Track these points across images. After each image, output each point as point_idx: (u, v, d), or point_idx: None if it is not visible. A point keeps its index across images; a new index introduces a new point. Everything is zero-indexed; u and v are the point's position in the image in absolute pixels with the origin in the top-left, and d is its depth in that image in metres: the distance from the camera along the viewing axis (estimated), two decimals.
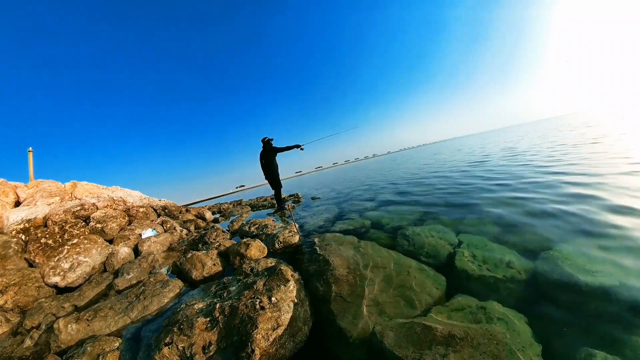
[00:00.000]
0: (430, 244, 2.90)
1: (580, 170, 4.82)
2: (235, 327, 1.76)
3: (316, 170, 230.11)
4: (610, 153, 5.92)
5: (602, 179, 4.03)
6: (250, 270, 2.75)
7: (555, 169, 5.33)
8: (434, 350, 1.37)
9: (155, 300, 2.67)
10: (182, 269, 3.35)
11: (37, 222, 4.82)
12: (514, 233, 2.83)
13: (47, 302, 3.01)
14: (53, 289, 3.53)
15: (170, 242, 5.05)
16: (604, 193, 3.37)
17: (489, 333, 1.47)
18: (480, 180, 5.90)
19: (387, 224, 4.03)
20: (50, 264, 3.75)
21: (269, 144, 6.54)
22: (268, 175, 6.70)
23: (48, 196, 6.07)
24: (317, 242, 3.14)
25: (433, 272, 2.37)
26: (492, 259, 2.35)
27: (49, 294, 3.41)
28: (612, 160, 5.19)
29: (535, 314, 1.73)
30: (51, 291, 3.48)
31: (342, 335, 1.76)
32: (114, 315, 2.48)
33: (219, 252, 3.67)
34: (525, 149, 10.35)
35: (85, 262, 3.94)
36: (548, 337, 1.52)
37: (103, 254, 4.24)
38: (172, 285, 2.90)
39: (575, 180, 4.25)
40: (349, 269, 2.42)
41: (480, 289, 2.09)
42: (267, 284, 2.16)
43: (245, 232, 4.88)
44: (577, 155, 6.57)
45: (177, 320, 1.93)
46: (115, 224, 5.43)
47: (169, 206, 8.38)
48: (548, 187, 4.19)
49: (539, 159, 7.17)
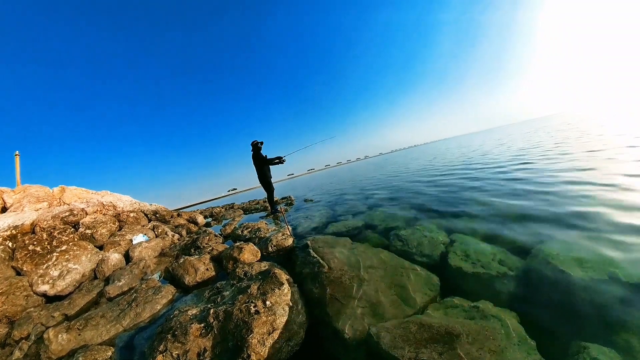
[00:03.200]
0: (423, 244, 2.93)
1: (571, 167, 4.95)
2: (230, 332, 1.75)
3: (308, 173, 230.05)
4: (598, 152, 6.08)
5: (592, 177, 4.14)
6: (244, 274, 2.73)
7: (548, 169, 5.46)
8: (430, 348, 1.38)
9: (148, 307, 2.64)
10: (175, 274, 3.31)
11: (24, 229, 4.71)
12: (504, 231, 2.87)
13: (36, 311, 2.95)
14: (42, 298, 3.45)
15: (162, 247, 4.99)
16: (594, 191, 3.46)
17: (485, 329, 1.49)
18: (468, 180, 6.02)
19: (379, 225, 4.05)
20: (39, 271, 3.67)
21: (257, 149, 6.58)
22: (259, 178, 6.75)
23: (36, 201, 5.95)
24: (310, 244, 3.13)
25: (427, 272, 2.39)
26: (484, 257, 2.39)
27: (38, 303, 3.34)
28: (600, 159, 5.32)
29: (528, 310, 1.76)
30: (40, 300, 3.41)
31: (339, 337, 1.75)
32: (105, 323, 2.44)
33: (211, 256, 3.64)
34: (511, 149, 10.54)
35: (74, 269, 3.87)
36: (541, 333, 1.55)
37: (93, 260, 4.17)
38: (164, 292, 2.87)
39: (568, 178, 4.36)
40: (343, 270, 2.42)
41: (473, 287, 2.12)
42: (261, 287, 2.15)
43: (238, 236, 4.84)
44: (566, 154, 6.76)
45: (170, 327, 1.91)
46: (105, 230, 5.35)
47: (160, 211, 8.29)
48: (537, 185, 4.29)
49: (530, 158, 7.33)
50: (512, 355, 1.33)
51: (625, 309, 1.55)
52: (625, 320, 1.48)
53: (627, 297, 1.63)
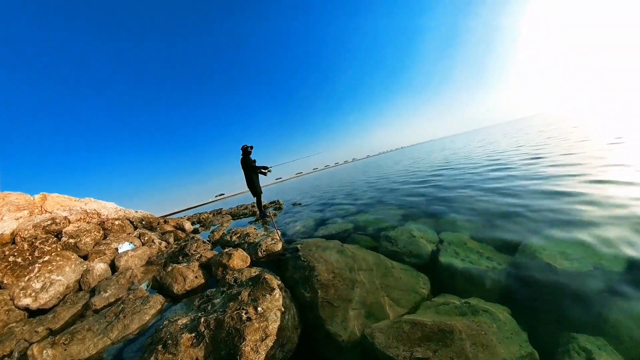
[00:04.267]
0: (412, 244, 2.97)
1: (553, 163, 5.13)
2: (223, 340, 1.73)
3: (297, 176, 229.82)
4: (579, 151, 6.35)
5: (574, 171, 4.32)
6: (234, 280, 2.71)
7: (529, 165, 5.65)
8: (424, 346, 1.40)
9: (136, 318, 2.58)
10: (163, 283, 3.26)
11: (4, 239, 4.54)
12: (491, 229, 2.94)
13: (18, 326, 2.84)
14: (24, 312, 3.32)
15: (148, 255, 4.90)
16: (575, 187, 3.61)
17: (477, 325, 1.52)
18: (455, 181, 6.20)
19: (369, 227, 4.08)
20: (20, 284, 3.55)
21: (247, 153, 6.55)
22: (247, 183, 6.71)
23: (16, 210, 5.73)
24: (300, 248, 3.13)
25: (417, 271, 2.43)
26: (473, 255, 2.44)
27: (20, 318, 3.22)
28: (585, 158, 5.54)
29: (517, 303, 1.82)
30: (22, 314, 3.28)
31: (332, 340, 1.76)
32: (92, 337, 2.37)
33: (200, 263, 3.60)
34: (493, 149, 10.82)
35: (58, 280, 3.75)
36: (532, 325, 1.60)
37: (77, 271, 4.05)
38: (153, 301, 2.82)
39: (550, 173, 4.53)
40: (334, 273, 2.43)
41: (463, 284, 2.17)
42: (252, 294, 2.14)
43: (227, 242, 4.80)
44: (551, 152, 7.12)
45: (160, 338, 1.88)
46: (90, 239, 5.21)
47: (146, 218, 8.13)
48: (520, 183, 4.44)
49: (512, 158, 7.54)
50: (505, 349, 1.36)
51: (611, 298, 1.63)
52: (611, 309, 1.55)
53: (612, 286, 1.71)
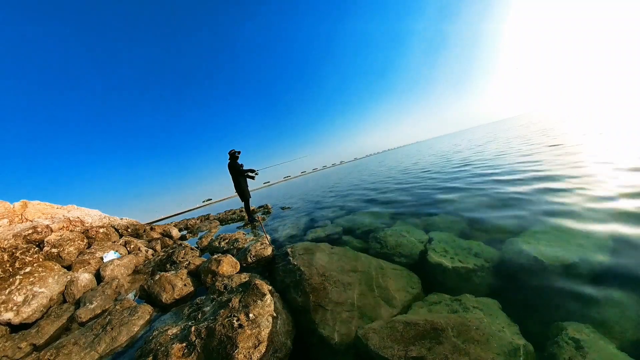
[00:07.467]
0: (401, 244, 3.00)
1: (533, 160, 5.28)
2: (215, 349, 1.71)
3: (285, 180, 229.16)
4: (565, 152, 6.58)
5: (557, 171, 4.49)
6: (224, 287, 2.68)
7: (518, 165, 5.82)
8: (418, 345, 1.41)
9: (124, 329, 2.52)
10: (151, 292, 3.19)
11: None
12: (478, 225, 3.02)
13: (0, 343, 2.76)
14: (6, 327, 3.20)
15: (135, 264, 4.79)
16: (559, 184, 3.74)
17: (469, 321, 1.54)
18: (442, 181, 6.43)
19: (358, 229, 4.11)
20: (1, 298, 3.41)
21: (235, 158, 6.55)
22: (235, 187, 6.71)
23: None
24: (290, 252, 3.12)
25: (407, 271, 2.46)
26: (462, 252, 2.49)
27: (2, 333, 3.09)
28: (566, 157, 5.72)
29: (507, 297, 1.87)
30: (4, 330, 3.16)
31: (326, 343, 1.75)
32: (79, 351, 2.30)
33: (189, 271, 3.54)
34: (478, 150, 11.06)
35: (41, 293, 3.63)
36: (522, 318, 1.65)
37: (61, 282, 3.93)
38: (141, 312, 2.76)
39: (534, 173, 4.69)
40: (325, 276, 2.43)
41: (454, 281, 2.21)
42: (242, 300, 2.12)
43: (216, 248, 4.75)
44: (535, 153, 7.40)
45: (150, 350, 1.84)
46: (73, 248, 5.06)
47: (132, 225, 7.96)
48: (503, 181, 4.57)
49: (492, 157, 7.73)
50: (497, 342, 1.39)
51: (596, 286, 1.70)
52: (597, 297, 1.62)
53: (597, 276, 1.78)
